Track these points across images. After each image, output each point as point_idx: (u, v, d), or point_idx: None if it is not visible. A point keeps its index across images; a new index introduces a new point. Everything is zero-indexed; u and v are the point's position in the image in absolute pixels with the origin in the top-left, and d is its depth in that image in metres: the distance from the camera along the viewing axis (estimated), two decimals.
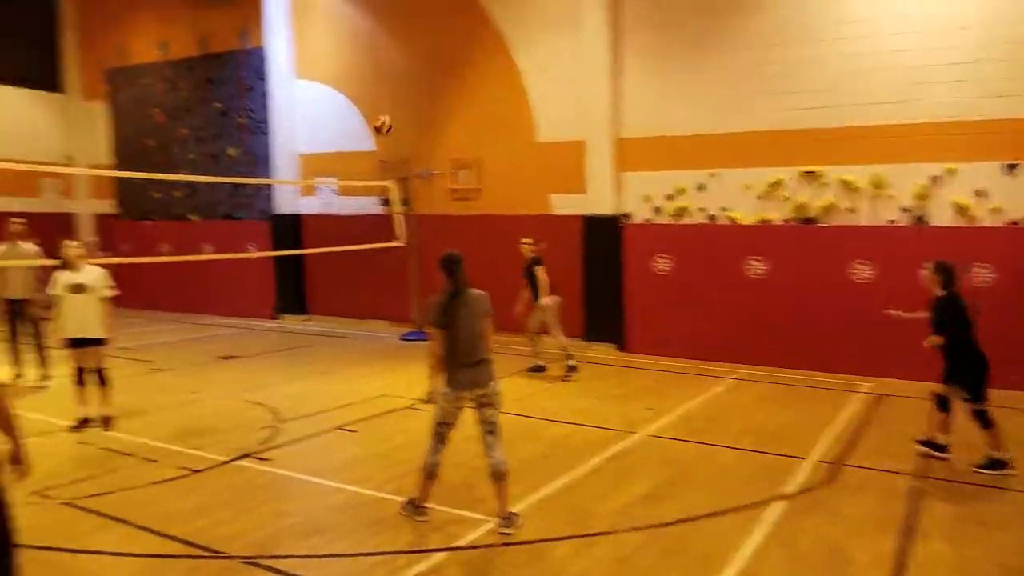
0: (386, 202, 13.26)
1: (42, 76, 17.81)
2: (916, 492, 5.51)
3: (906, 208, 9.41)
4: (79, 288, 7.08)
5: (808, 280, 10.02)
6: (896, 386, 8.66)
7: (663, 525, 4.97)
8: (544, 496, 5.49)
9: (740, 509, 5.18)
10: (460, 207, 13.13)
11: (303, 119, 14.80)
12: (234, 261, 13.70)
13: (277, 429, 7.21)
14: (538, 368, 9.88)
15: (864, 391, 8.65)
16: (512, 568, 4.39)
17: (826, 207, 9.91)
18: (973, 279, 8.64)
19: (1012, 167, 8.81)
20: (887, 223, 9.56)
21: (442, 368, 4.91)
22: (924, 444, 6.27)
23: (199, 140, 16.19)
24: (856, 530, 4.84)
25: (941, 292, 6.09)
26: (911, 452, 6.27)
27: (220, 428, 7.24)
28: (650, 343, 11.26)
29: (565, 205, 12.02)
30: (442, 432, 4.96)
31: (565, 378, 9.47)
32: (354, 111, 14.20)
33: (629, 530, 4.90)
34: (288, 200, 14.96)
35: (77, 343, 7.14)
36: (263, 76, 14.95)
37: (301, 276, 14.96)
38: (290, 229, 14.80)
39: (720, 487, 5.66)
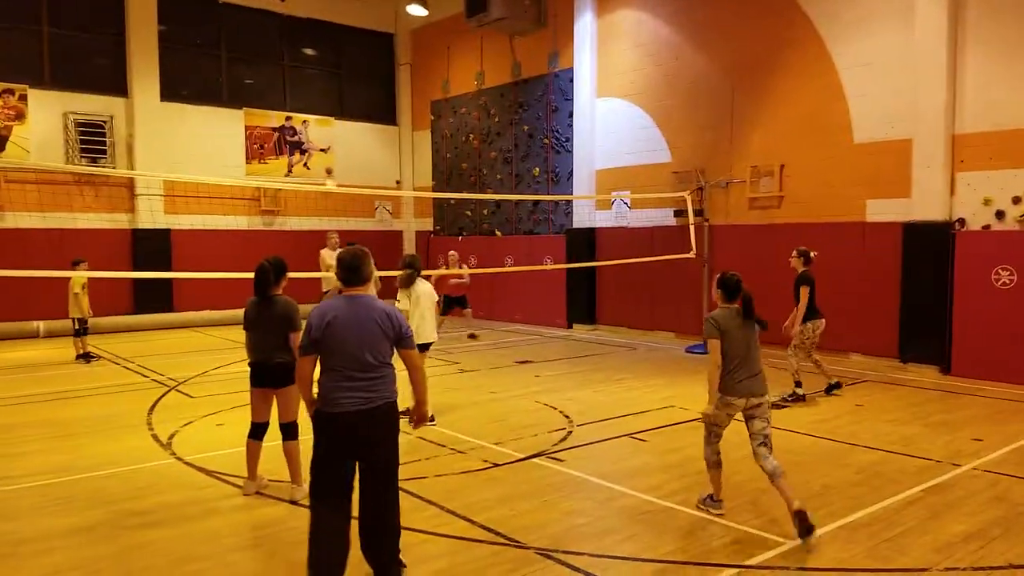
0: (679, 213, 13.17)
1: (381, 111, 20.52)
2: None
3: None
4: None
5: None
6: None
7: (989, 569, 4.29)
8: (849, 524, 5.02)
9: None
10: (759, 216, 12.61)
11: (601, 135, 15.26)
12: (532, 272, 14.55)
13: (569, 432, 7.47)
14: (834, 386, 9.03)
15: None
16: None
17: None
18: None
19: None
20: None
21: (720, 379, 5.08)
22: None
23: (506, 161, 17.45)
24: None
25: None
26: None
27: (517, 427, 7.68)
28: (982, 366, 9.83)
29: (882, 211, 10.99)
30: (713, 432, 5.29)
31: (780, 404, 8.45)
32: (650, 123, 14.32)
33: (946, 570, 4.29)
34: (584, 214, 15.51)
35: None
36: (569, 97, 15.72)
37: (592, 287, 15.41)
38: (584, 242, 15.33)
39: None
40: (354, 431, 4.00)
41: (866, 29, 11.20)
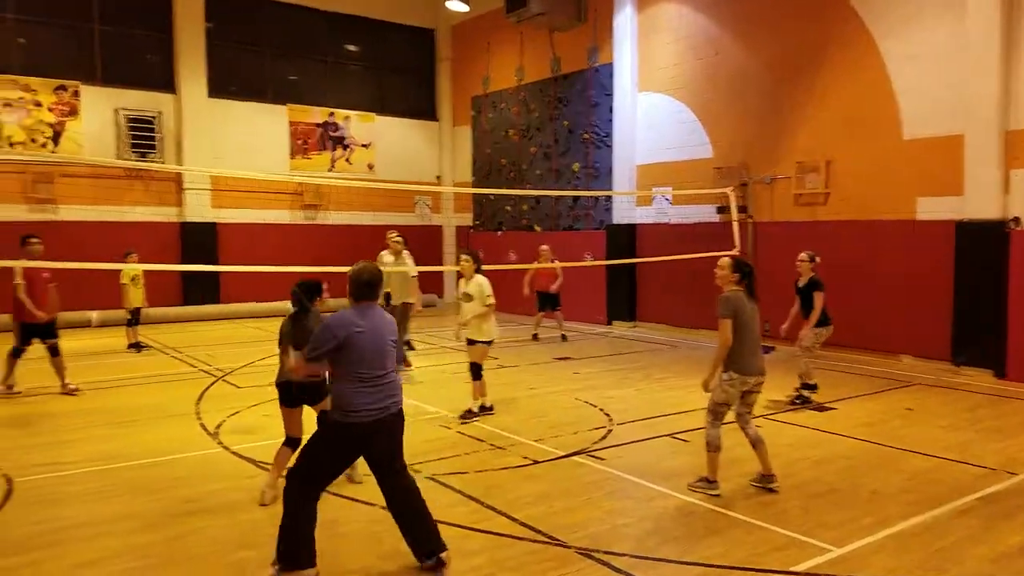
0: (722, 209, 12.99)
1: (422, 107, 20.63)
2: None
3: None
4: (466, 297, 7.92)
5: None
6: None
7: None
8: (899, 532, 4.90)
9: None
10: (805, 213, 12.39)
11: (642, 130, 15.12)
12: (571, 268, 14.45)
13: (609, 430, 7.42)
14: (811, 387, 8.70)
15: None
16: None
17: None
18: None
19: None
20: None
21: (729, 357, 5.43)
22: None
23: (546, 156, 17.40)
24: None
25: None
26: None
27: (557, 424, 7.66)
28: None
29: (933, 209, 10.72)
30: (722, 412, 5.54)
31: (793, 402, 8.47)
32: (691, 118, 14.16)
33: None
34: (624, 210, 15.39)
35: (472, 342, 7.99)
36: (609, 92, 15.61)
37: (633, 284, 15.29)
38: (625, 238, 15.22)
39: None
40: (376, 437, 4.22)
41: (916, 21, 10.91)
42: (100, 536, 4.83)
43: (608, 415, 8.04)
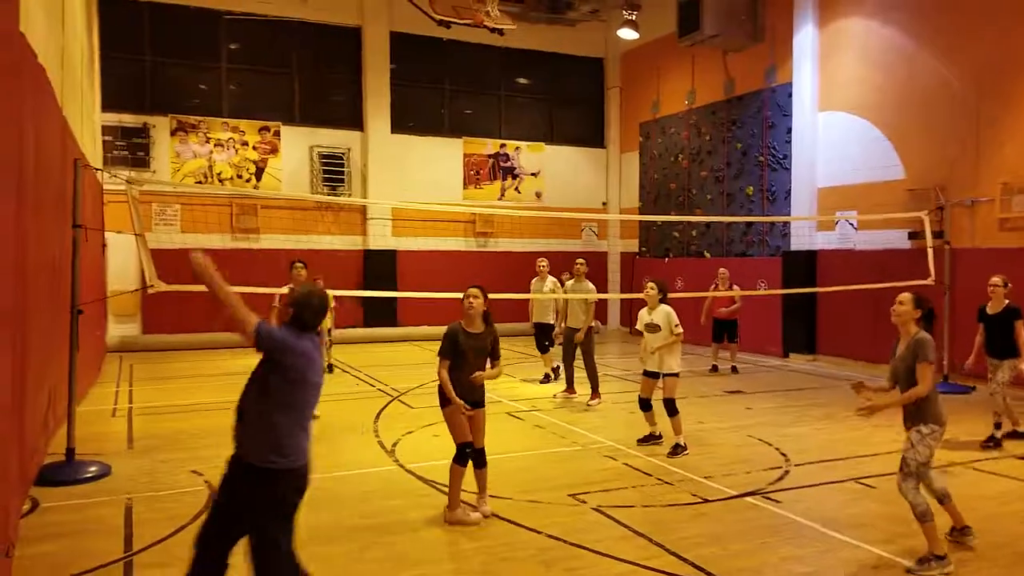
0: (915, 235, 12.09)
1: (590, 135, 20.87)
2: None
3: None
4: (652, 327, 7.87)
5: None
6: None
7: None
8: None
9: None
10: (1011, 239, 11.28)
11: (823, 151, 14.41)
12: (745, 297, 13.93)
13: (786, 471, 7.07)
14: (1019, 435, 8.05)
15: None
16: None
17: None
18: None
19: None
20: None
21: (928, 407, 4.91)
22: None
23: (717, 180, 16.99)
24: None
25: None
26: None
27: (728, 462, 7.40)
28: None
29: None
30: (927, 472, 4.97)
31: (992, 443, 7.85)
32: (879, 137, 13.31)
33: None
34: (803, 236, 14.67)
35: (650, 374, 7.97)
36: (787, 112, 15.04)
37: (812, 314, 14.47)
38: (803, 265, 14.48)
39: None
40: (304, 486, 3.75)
41: None
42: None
43: (784, 455, 7.67)
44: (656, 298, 7.86)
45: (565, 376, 10.80)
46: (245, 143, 17.16)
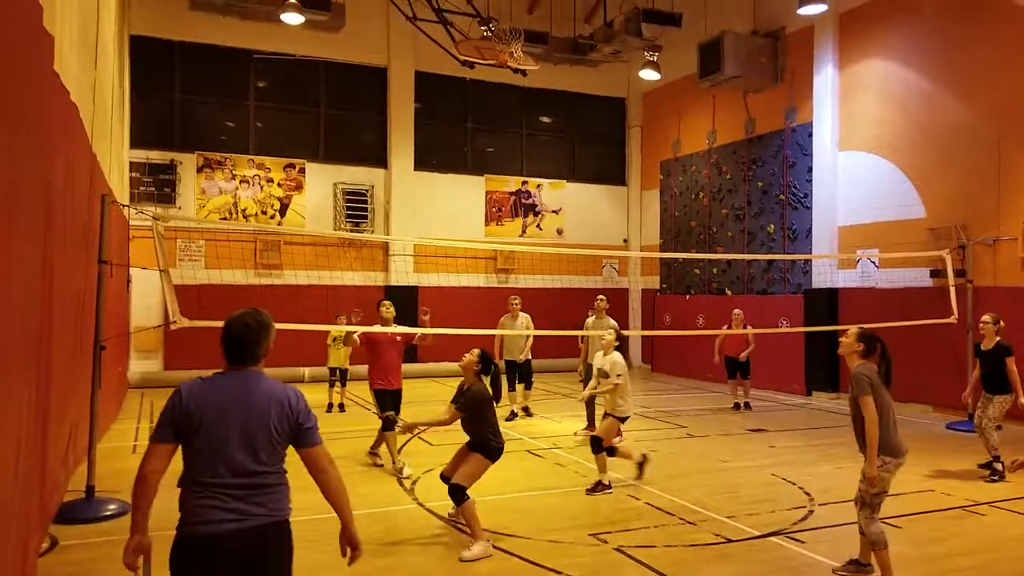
0: (936, 273, 11.99)
1: (611, 173, 21.01)
2: None
3: None
4: (602, 373, 7.93)
5: None
6: None
7: None
8: None
9: None
10: None
11: (844, 190, 14.41)
12: (766, 335, 13.84)
13: (811, 511, 6.95)
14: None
15: None
16: None
17: None
18: None
19: None
20: None
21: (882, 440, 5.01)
22: None
23: (738, 218, 16.99)
24: None
25: None
26: None
27: (751, 501, 7.29)
28: None
29: None
30: (879, 503, 5.07)
31: (990, 479, 8.02)
32: (900, 177, 13.30)
33: None
34: (825, 274, 14.61)
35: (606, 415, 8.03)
36: (807, 151, 15.08)
37: (834, 351, 14.24)
38: (825, 303, 14.39)
39: None
40: (230, 560, 3.02)
41: None
42: None
43: (808, 494, 7.54)
44: (612, 345, 7.95)
45: (586, 413, 10.75)
46: (270, 180, 17.45)
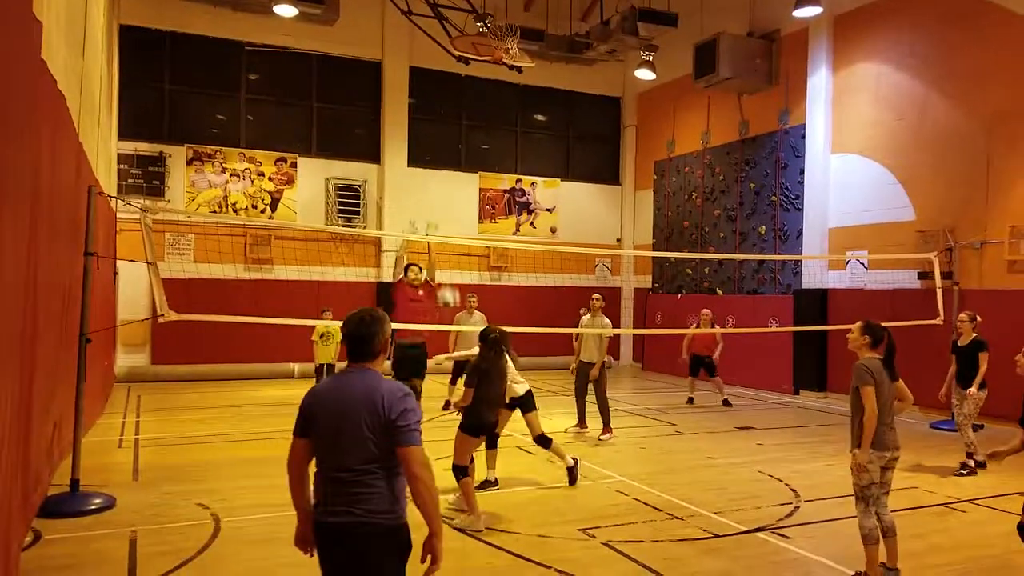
0: (924, 275, 12.06)
1: (605, 172, 21.04)
2: None
3: None
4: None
5: None
6: None
7: None
8: None
9: None
10: (1020, 281, 11.24)
11: (835, 192, 14.47)
12: (756, 335, 13.89)
13: (797, 507, 6.98)
14: (980, 464, 8.30)
15: None
16: None
17: None
18: None
19: None
20: None
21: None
22: None
23: (730, 219, 17.04)
24: None
25: None
26: None
27: (738, 497, 7.32)
28: None
29: None
30: (871, 495, 5.06)
31: (959, 473, 8.22)
32: (891, 180, 13.37)
33: None
34: (815, 275, 14.67)
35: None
36: (800, 153, 15.15)
37: (823, 352, 14.40)
38: (814, 304, 14.46)
39: None
40: (336, 550, 3.15)
41: None
42: None
43: (795, 491, 7.57)
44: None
45: (577, 411, 10.76)
46: (261, 174, 17.38)
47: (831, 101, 14.60)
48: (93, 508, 6.55)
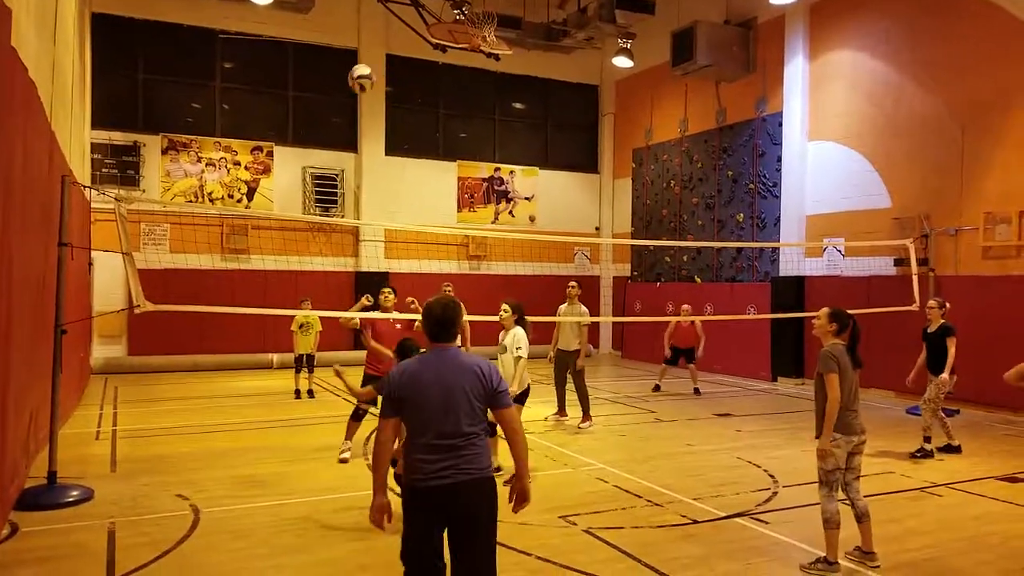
0: (900, 262, 12.20)
1: (583, 160, 21.04)
2: None
3: None
4: (501, 348, 7.56)
5: None
6: None
7: None
8: None
9: None
10: (994, 267, 11.40)
11: (812, 180, 14.58)
12: (733, 322, 14.00)
13: (774, 492, 7.06)
14: (955, 448, 8.64)
15: None
16: None
17: None
18: None
19: None
20: None
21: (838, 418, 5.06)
22: None
23: (708, 207, 17.13)
24: None
25: None
26: None
27: (717, 483, 7.39)
28: None
29: None
30: (835, 480, 5.11)
31: (913, 456, 8.44)
32: (867, 167, 13.49)
33: None
34: (792, 262, 14.80)
35: None
36: (777, 141, 15.23)
37: (800, 338, 14.55)
38: (791, 291, 14.59)
39: None
40: (448, 507, 3.53)
41: None
42: (279, 568, 5.16)
43: (773, 476, 7.66)
44: (511, 319, 7.56)
45: (556, 398, 10.78)
46: (237, 163, 17.20)
47: (808, 89, 14.70)
48: (71, 500, 6.50)
